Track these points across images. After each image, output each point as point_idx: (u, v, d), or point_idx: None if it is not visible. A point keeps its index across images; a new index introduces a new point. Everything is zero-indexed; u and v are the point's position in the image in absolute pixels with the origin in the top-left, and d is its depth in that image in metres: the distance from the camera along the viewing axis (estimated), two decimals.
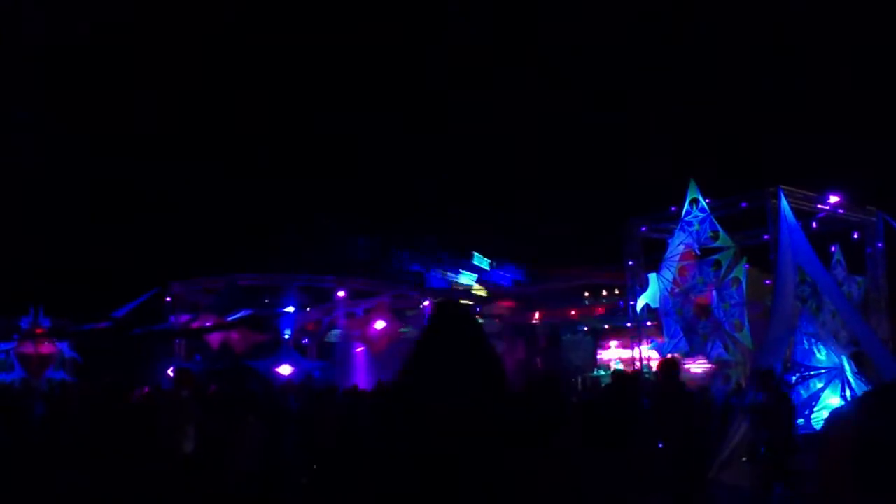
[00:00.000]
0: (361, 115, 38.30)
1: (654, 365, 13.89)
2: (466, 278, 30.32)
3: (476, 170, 37.85)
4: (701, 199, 14.30)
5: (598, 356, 27.86)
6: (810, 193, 14.72)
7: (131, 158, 35.55)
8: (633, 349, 18.04)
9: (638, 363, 16.96)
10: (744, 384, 12.93)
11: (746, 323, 13.11)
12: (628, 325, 18.49)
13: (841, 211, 15.49)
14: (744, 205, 14.62)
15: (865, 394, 2.95)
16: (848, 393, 12.97)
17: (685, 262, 14.42)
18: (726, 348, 13.40)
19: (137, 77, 36.00)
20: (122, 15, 33.42)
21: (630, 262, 17.03)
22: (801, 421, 13.22)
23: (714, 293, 13.69)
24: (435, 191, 35.61)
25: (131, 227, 32.71)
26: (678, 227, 14.66)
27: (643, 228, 16.91)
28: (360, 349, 22.97)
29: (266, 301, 23.33)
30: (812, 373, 13.37)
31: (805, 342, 13.47)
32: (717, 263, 13.79)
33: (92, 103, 33.82)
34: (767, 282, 13.90)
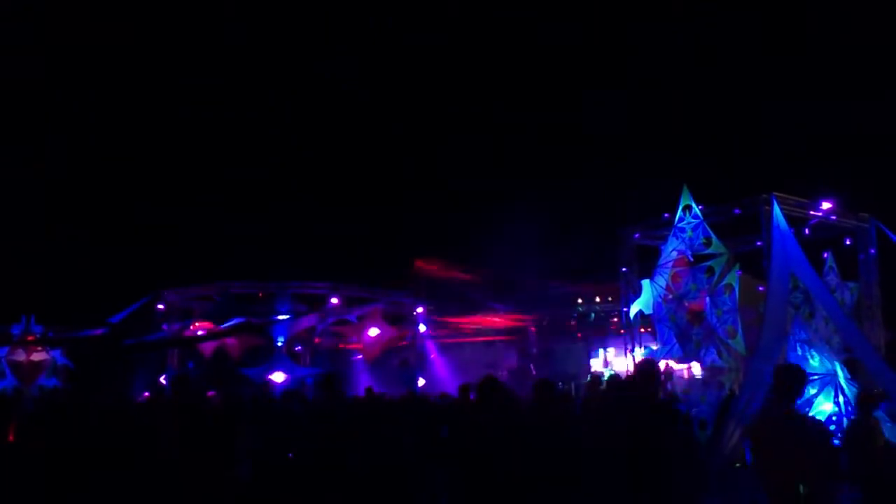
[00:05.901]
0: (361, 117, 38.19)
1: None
2: None
3: (472, 172, 37.78)
4: (694, 205, 14.32)
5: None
6: (803, 200, 14.78)
7: (123, 165, 35.48)
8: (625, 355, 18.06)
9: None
10: (737, 391, 12.94)
11: (740, 329, 13.11)
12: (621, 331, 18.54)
13: (833, 217, 15.57)
14: (737, 211, 14.67)
15: None
16: (841, 399, 13.01)
17: (678, 269, 14.41)
18: (720, 354, 13.40)
19: (130, 86, 35.91)
20: (116, 21, 33.29)
21: (623, 269, 17.10)
22: None
23: (707, 299, 13.69)
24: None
25: (123, 234, 32.61)
26: (671, 234, 14.67)
27: (636, 235, 16.99)
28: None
29: (259, 308, 23.25)
30: None
31: (798, 348, 13.50)
32: (710, 270, 13.79)
33: (88, 110, 33.79)
34: (760, 288, 13.93)
